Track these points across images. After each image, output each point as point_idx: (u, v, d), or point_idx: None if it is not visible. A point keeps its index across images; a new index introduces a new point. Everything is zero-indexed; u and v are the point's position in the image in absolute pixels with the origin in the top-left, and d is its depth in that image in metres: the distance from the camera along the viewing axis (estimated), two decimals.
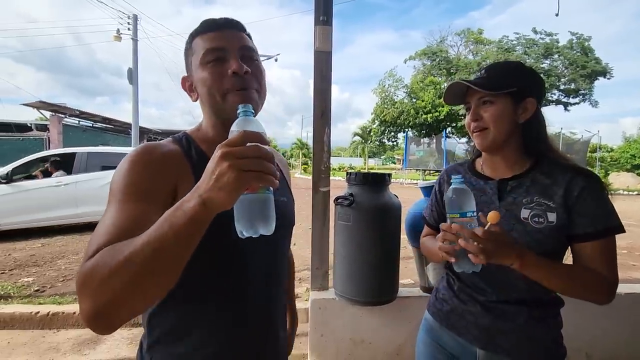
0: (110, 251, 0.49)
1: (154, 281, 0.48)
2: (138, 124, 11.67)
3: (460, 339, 0.93)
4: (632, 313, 1.92)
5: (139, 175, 0.61)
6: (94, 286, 0.47)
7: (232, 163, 0.44)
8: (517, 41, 19.46)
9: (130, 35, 11.66)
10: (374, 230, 1.72)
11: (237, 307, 0.69)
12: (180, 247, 0.48)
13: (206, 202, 0.46)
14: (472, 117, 0.90)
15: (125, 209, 0.56)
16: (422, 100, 23.77)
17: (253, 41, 0.74)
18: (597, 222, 0.81)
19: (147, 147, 0.65)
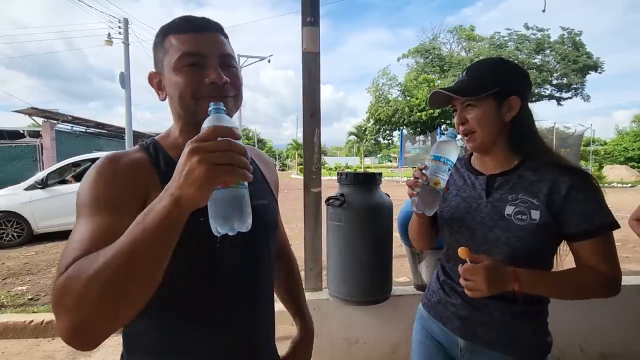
0: (82, 263, 0.47)
1: (132, 288, 0.46)
2: (131, 128, 11.62)
3: (445, 328, 0.97)
4: (626, 306, 1.94)
5: (106, 186, 0.59)
6: (69, 301, 0.44)
7: (202, 157, 0.43)
8: (508, 37, 19.57)
9: (121, 39, 11.60)
10: (366, 230, 1.73)
11: (218, 316, 0.66)
12: (156, 250, 0.46)
13: (178, 199, 0.44)
14: (458, 121, 0.91)
15: (96, 222, 0.54)
16: (416, 98, 23.83)
17: (230, 43, 0.71)
18: (590, 220, 0.80)
19: (111, 156, 0.63)
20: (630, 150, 31.84)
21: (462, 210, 0.93)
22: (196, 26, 0.65)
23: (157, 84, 0.69)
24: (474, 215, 0.91)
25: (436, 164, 0.81)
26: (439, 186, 0.80)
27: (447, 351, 0.98)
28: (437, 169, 0.80)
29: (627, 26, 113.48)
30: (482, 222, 0.89)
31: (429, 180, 0.80)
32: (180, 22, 0.66)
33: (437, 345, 1.00)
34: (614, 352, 1.93)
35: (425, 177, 0.80)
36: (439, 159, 0.81)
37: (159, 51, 0.67)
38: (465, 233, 0.91)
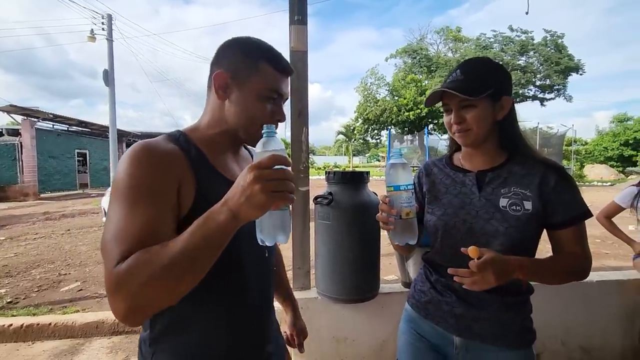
0: (144, 256, 0.55)
1: (188, 282, 0.56)
2: (116, 126, 11.35)
3: (439, 328, 0.97)
4: (604, 300, 2.00)
5: (145, 174, 0.62)
6: (132, 289, 0.53)
7: (263, 186, 0.52)
8: (494, 39, 19.95)
9: (105, 36, 11.33)
10: (354, 228, 1.73)
11: (236, 301, 0.75)
12: (212, 254, 0.56)
13: (236, 215, 0.54)
14: (455, 120, 0.91)
15: (138, 213, 0.59)
16: (404, 98, 24.04)
17: None
18: (573, 210, 0.88)
19: (148, 144, 0.66)
20: (610, 150, 32.87)
21: (456, 206, 0.95)
22: (288, 70, 0.77)
23: (222, 85, 0.74)
24: (469, 209, 0.93)
25: (399, 195, 0.78)
26: (411, 215, 0.77)
27: (439, 350, 0.98)
28: (401, 199, 0.77)
29: (607, 30, 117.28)
30: (478, 215, 0.92)
31: (400, 212, 0.77)
32: (279, 59, 0.75)
33: (428, 345, 1.00)
34: (593, 345, 1.99)
35: (395, 210, 0.77)
36: (399, 188, 0.78)
37: (248, 65, 0.73)
38: (461, 228, 0.93)
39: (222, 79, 0.73)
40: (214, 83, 0.74)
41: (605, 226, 2.30)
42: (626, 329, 2.01)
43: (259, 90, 0.73)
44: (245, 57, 0.74)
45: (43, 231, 6.63)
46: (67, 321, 2.68)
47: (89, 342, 2.57)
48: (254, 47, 0.75)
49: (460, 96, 0.87)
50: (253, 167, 0.53)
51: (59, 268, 4.30)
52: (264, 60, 0.73)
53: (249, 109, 0.73)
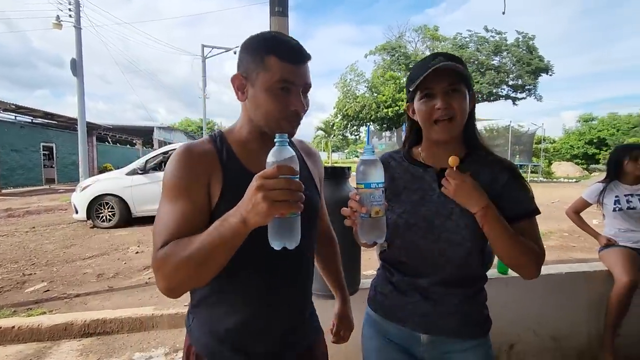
0: (175, 247, 0.67)
1: (208, 270, 0.66)
2: (85, 119, 10.83)
3: (405, 328, 0.96)
4: (573, 291, 2.09)
5: (182, 174, 0.74)
6: (166, 272, 0.66)
7: (265, 195, 0.57)
8: (469, 38, 20.48)
9: (72, 23, 10.74)
10: (335, 224, 1.71)
11: (268, 279, 0.80)
12: (226, 251, 0.64)
13: (245, 220, 0.60)
14: (443, 104, 0.87)
15: (177, 208, 0.72)
16: (383, 94, 24.28)
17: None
18: (522, 207, 0.90)
19: (186, 146, 0.77)
20: (576, 148, 34.64)
21: (415, 202, 0.94)
22: (297, 58, 0.76)
23: (239, 86, 0.80)
24: (429, 206, 0.92)
25: (370, 192, 0.75)
26: (380, 214, 0.75)
27: (406, 351, 0.97)
28: (372, 197, 0.74)
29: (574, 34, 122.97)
30: (438, 211, 0.91)
31: (369, 211, 0.74)
32: (285, 48, 0.75)
33: (395, 347, 0.98)
34: (562, 335, 2.08)
35: (365, 208, 0.74)
36: (369, 185, 0.75)
37: (255, 62, 0.76)
38: (421, 225, 0.92)
39: (237, 80, 0.79)
40: (232, 86, 0.80)
41: (574, 220, 2.42)
42: (592, 318, 2.11)
43: (268, 85, 0.75)
44: (253, 54, 0.77)
45: (5, 229, 6.27)
46: (33, 324, 2.54)
47: (57, 346, 2.45)
48: (259, 43, 0.77)
49: (456, 74, 0.85)
50: (257, 176, 0.58)
51: (23, 268, 4.08)
52: (269, 54, 0.75)
53: (262, 105, 0.76)
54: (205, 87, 20.02)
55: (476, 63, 19.67)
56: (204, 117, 20.45)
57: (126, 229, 6.28)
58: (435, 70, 0.85)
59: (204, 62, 19.85)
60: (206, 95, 20.21)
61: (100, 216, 6.42)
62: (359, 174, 0.77)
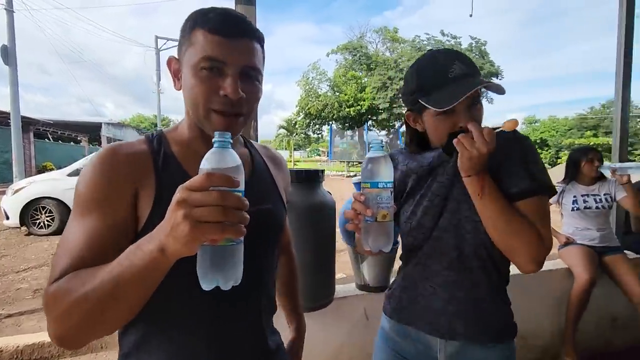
0: (72, 280, 0.50)
1: (112, 316, 0.49)
2: (19, 112, 9.74)
3: (420, 336, 0.89)
4: (537, 289, 2.14)
5: (97, 183, 0.58)
6: (56, 313, 0.50)
7: (186, 212, 0.41)
8: (427, 42, 21.27)
9: (2, 5, 9.60)
10: (309, 231, 1.60)
11: (205, 326, 0.63)
12: (139, 289, 0.48)
13: (164, 248, 0.44)
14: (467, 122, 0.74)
15: (85, 226, 0.55)
16: (345, 94, 24.53)
17: (264, 49, 0.66)
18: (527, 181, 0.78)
19: (109, 149, 0.61)
20: None
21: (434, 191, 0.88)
22: (228, 30, 0.59)
23: (175, 71, 0.66)
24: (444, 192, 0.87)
25: (377, 193, 0.66)
26: (388, 218, 0.66)
27: None
28: (380, 198, 0.66)
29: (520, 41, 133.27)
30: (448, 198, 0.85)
31: (376, 214, 0.65)
32: (213, 19, 0.60)
33: None
34: (529, 332, 2.13)
35: (371, 211, 0.65)
36: (376, 185, 0.66)
37: (184, 39, 0.63)
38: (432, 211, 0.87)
39: (172, 64, 0.66)
40: (169, 72, 0.67)
41: None
42: (555, 314, 2.19)
43: (194, 64, 0.60)
44: (183, 32, 0.63)
45: None
46: None
47: None
48: (189, 17, 0.63)
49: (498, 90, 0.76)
50: (181, 187, 0.43)
51: None
52: (196, 26, 0.60)
53: (189, 90, 0.61)
54: (159, 81, 18.98)
55: None
56: (159, 113, 19.37)
57: None
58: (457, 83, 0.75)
59: (158, 55, 18.80)
60: (160, 90, 19.16)
61: (37, 222, 5.77)
62: (365, 172, 0.68)
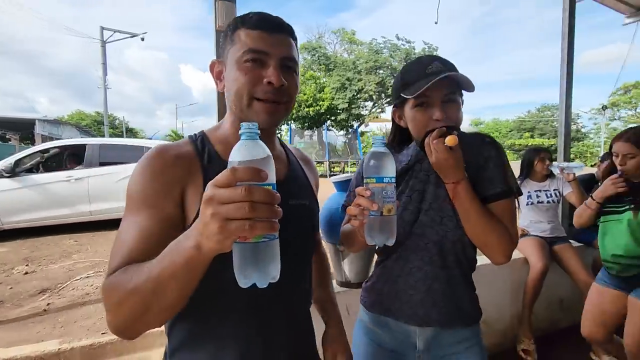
0: (122, 276, 0.53)
1: (158, 309, 0.51)
2: None
3: (398, 326, 0.94)
4: (497, 277, 2.33)
5: (147, 182, 0.62)
6: (110, 306, 0.54)
7: (214, 211, 0.41)
8: (384, 45, 21.99)
9: None
10: None
11: (252, 318, 0.67)
12: (179, 284, 0.48)
13: (199, 246, 0.44)
14: (441, 116, 0.83)
15: (136, 223, 0.59)
16: (304, 93, 24.55)
17: (298, 47, 0.72)
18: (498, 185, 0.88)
19: (158, 150, 0.65)
20: None
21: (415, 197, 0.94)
22: (268, 26, 0.66)
23: (217, 73, 0.72)
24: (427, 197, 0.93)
25: (382, 187, 0.68)
26: (392, 212, 0.69)
27: (401, 358, 0.96)
28: (385, 193, 0.68)
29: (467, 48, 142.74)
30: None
31: (381, 208, 0.67)
32: (254, 18, 0.66)
33: (388, 355, 0.96)
34: (491, 318, 2.30)
35: (377, 206, 0.67)
36: (382, 180, 0.68)
37: (226, 41, 0.69)
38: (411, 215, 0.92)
39: (214, 66, 0.72)
40: (211, 75, 0.73)
41: None
42: (513, 300, 2.40)
43: (237, 59, 0.65)
44: (225, 35, 0.70)
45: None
46: None
47: None
48: (233, 22, 0.69)
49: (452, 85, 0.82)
50: (209, 184, 0.43)
51: None
52: (238, 27, 0.67)
53: (233, 83, 0.66)
54: (106, 75, 17.67)
55: (390, 68, 21.20)
56: (105, 110, 17.97)
57: (3, 244, 5.05)
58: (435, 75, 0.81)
59: (104, 47, 17.51)
60: (107, 85, 17.84)
61: None
62: (369, 168, 0.70)
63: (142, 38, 18.41)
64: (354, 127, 23.24)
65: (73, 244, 5.04)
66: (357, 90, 21.38)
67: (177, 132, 37.03)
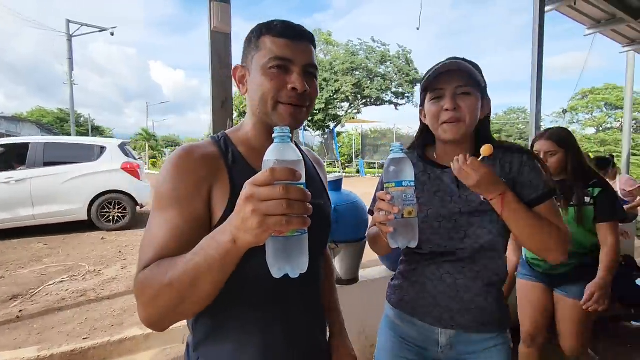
0: (157, 269, 0.56)
1: (193, 301, 0.54)
2: None
3: (424, 324, 0.97)
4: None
5: (176, 181, 0.64)
6: (144, 300, 0.56)
7: (255, 207, 0.44)
8: (360, 47, 22.27)
9: None
10: None
11: (274, 309, 0.71)
12: (214, 276, 0.51)
13: (235, 239, 0.47)
14: (450, 105, 0.87)
15: (166, 220, 0.61)
16: None
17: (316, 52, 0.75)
18: (539, 189, 0.89)
19: (185, 150, 0.67)
20: None
21: (437, 204, 0.94)
22: (293, 34, 0.69)
23: (240, 77, 0.75)
24: (451, 208, 0.93)
25: (402, 191, 0.72)
26: (413, 214, 0.72)
27: (424, 353, 0.99)
28: (405, 196, 0.72)
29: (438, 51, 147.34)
30: (461, 212, 0.92)
31: (402, 211, 0.71)
32: (279, 26, 0.69)
33: (412, 350, 0.99)
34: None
35: (397, 209, 0.70)
36: (401, 184, 0.72)
37: (251, 47, 0.72)
38: (447, 226, 0.93)
39: (237, 71, 0.75)
40: (234, 79, 0.76)
41: None
42: None
43: (262, 65, 0.69)
44: (248, 41, 0.73)
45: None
46: None
47: None
48: (257, 29, 0.72)
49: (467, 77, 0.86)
50: (248, 183, 0.46)
51: None
52: (263, 34, 0.70)
53: (258, 89, 0.70)
54: (72, 71, 16.80)
55: (366, 70, 21.48)
56: (72, 107, 17.08)
57: None
58: (447, 71, 0.87)
59: (71, 41, 16.66)
60: (73, 80, 16.97)
61: None
62: (389, 173, 0.74)
63: (111, 33, 17.66)
64: (331, 128, 23.37)
65: (43, 247, 4.80)
66: (333, 91, 21.50)
67: (148, 131, 35.73)
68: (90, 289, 3.42)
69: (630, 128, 7.06)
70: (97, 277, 3.74)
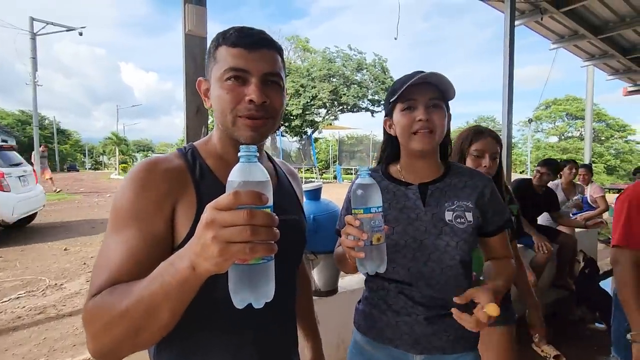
0: (109, 296, 0.51)
1: (150, 330, 0.49)
2: None
3: (397, 350, 0.94)
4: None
5: (136, 197, 0.59)
6: (95, 330, 0.51)
7: (216, 234, 0.41)
8: (337, 54, 22.48)
9: None
10: None
11: (246, 332, 0.67)
12: (172, 304, 0.47)
13: (195, 267, 0.44)
14: (425, 116, 0.87)
15: (123, 241, 0.57)
16: None
17: (283, 58, 0.72)
18: (502, 218, 0.98)
19: (148, 163, 0.63)
20: None
21: (403, 222, 0.92)
22: (249, 42, 0.65)
23: (204, 91, 0.72)
24: (417, 225, 0.91)
25: (370, 218, 0.70)
26: (382, 240, 0.71)
27: None
28: (373, 223, 0.70)
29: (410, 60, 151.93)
30: (427, 230, 0.91)
31: (370, 238, 0.69)
32: (233, 35, 0.65)
33: None
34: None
35: (367, 235, 0.69)
36: (369, 210, 0.70)
37: (210, 59, 0.69)
38: (412, 245, 0.91)
39: (202, 85, 0.72)
40: (199, 93, 0.73)
41: None
42: None
43: (219, 77, 0.65)
44: (209, 53, 0.70)
45: None
46: None
47: None
48: (215, 40, 0.69)
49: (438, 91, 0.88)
50: (209, 206, 0.42)
51: None
52: (220, 44, 0.67)
53: (217, 101, 0.66)
54: (35, 71, 15.94)
55: (343, 77, 21.71)
56: (35, 108, 16.16)
57: None
58: (419, 82, 0.86)
59: (34, 40, 15.84)
60: (37, 81, 16.09)
61: None
62: (357, 199, 0.72)
63: (80, 32, 16.93)
64: (308, 134, 23.39)
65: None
66: (310, 97, 21.55)
67: (118, 135, 34.38)
68: (50, 305, 3.18)
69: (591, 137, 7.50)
70: (58, 291, 3.49)
